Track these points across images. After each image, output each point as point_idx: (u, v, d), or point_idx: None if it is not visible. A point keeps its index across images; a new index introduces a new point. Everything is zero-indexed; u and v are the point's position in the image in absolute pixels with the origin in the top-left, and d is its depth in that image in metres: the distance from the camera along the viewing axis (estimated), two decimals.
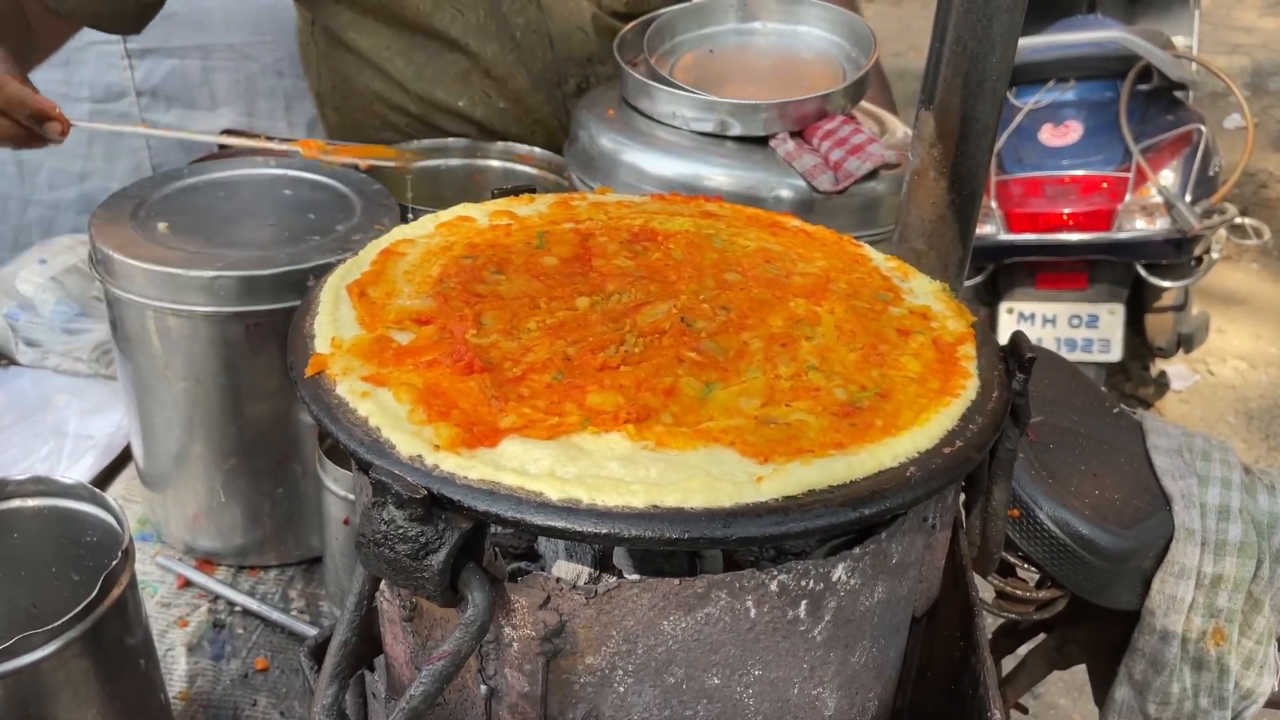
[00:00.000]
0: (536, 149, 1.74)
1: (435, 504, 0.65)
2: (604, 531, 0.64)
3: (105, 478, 1.53)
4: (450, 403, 0.74)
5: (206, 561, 1.37)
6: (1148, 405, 4.32)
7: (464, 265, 0.93)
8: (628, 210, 1.07)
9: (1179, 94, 4.14)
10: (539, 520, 0.65)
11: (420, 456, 0.69)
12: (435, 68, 1.77)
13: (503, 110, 1.79)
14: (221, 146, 1.67)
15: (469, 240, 0.99)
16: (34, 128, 1.41)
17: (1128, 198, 3.78)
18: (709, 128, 1.41)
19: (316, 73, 1.95)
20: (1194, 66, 4.21)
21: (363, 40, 1.78)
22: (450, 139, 1.79)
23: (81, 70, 2.15)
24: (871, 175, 1.37)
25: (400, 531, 0.64)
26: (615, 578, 0.70)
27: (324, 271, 0.95)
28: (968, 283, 3.90)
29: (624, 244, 0.98)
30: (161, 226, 1.25)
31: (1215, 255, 3.94)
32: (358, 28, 1.76)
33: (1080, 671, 1.53)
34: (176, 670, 1.23)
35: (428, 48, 1.76)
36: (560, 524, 0.65)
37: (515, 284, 0.91)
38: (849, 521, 0.67)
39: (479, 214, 1.05)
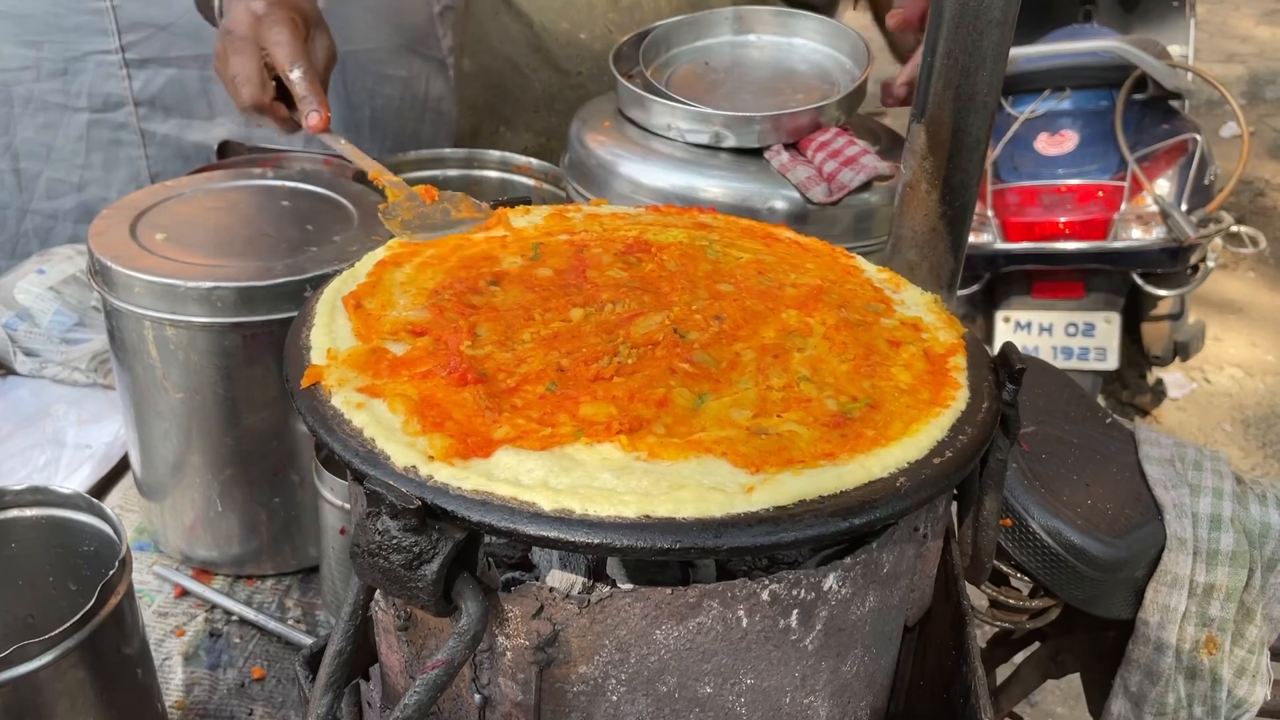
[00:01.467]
0: (534, 160, 1.75)
1: (429, 514, 0.66)
2: (596, 542, 0.65)
3: (103, 487, 1.53)
4: (444, 414, 0.74)
5: (203, 571, 1.37)
6: (1144, 413, 4.33)
7: (459, 276, 0.94)
8: (622, 222, 1.08)
9: (1175, 103, 4.16)
10: (532, 530, 0.65)
11: (414, 467, 0.69)
12: None
13: (610, 20, 1.83)
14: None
15: (465, 251, 1.00)
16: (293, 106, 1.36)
17: (1124, 207, 3.79)
18: (703, 139, 1.42)
19: (460, 26, 2.05)
20: (1189, 75, 4.23)
21: None
22: (447, 149, 1.79)
23: (80, 80, 2.16)
24: (865, 187, 1.38)
25: (394, 542, 0.65)
26: (608, 587, 0.71)
27: (321, 282, 0.96)
28: (964, 292, 3.92)
29: (618, 255, 0.99)
30: (159, 237, 1.25)
31: (1211, 264, 3.95)
32: None
33: (1078, 680, 1.53)
34: (173, 679, 1.23)
35: None
36: (553, 534, 0.65)
37: (510, 295, 0.91)
38: (839, 531, 0.68)
39: None
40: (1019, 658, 1.60)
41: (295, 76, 1.34)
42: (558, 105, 1.93)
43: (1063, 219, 3.81)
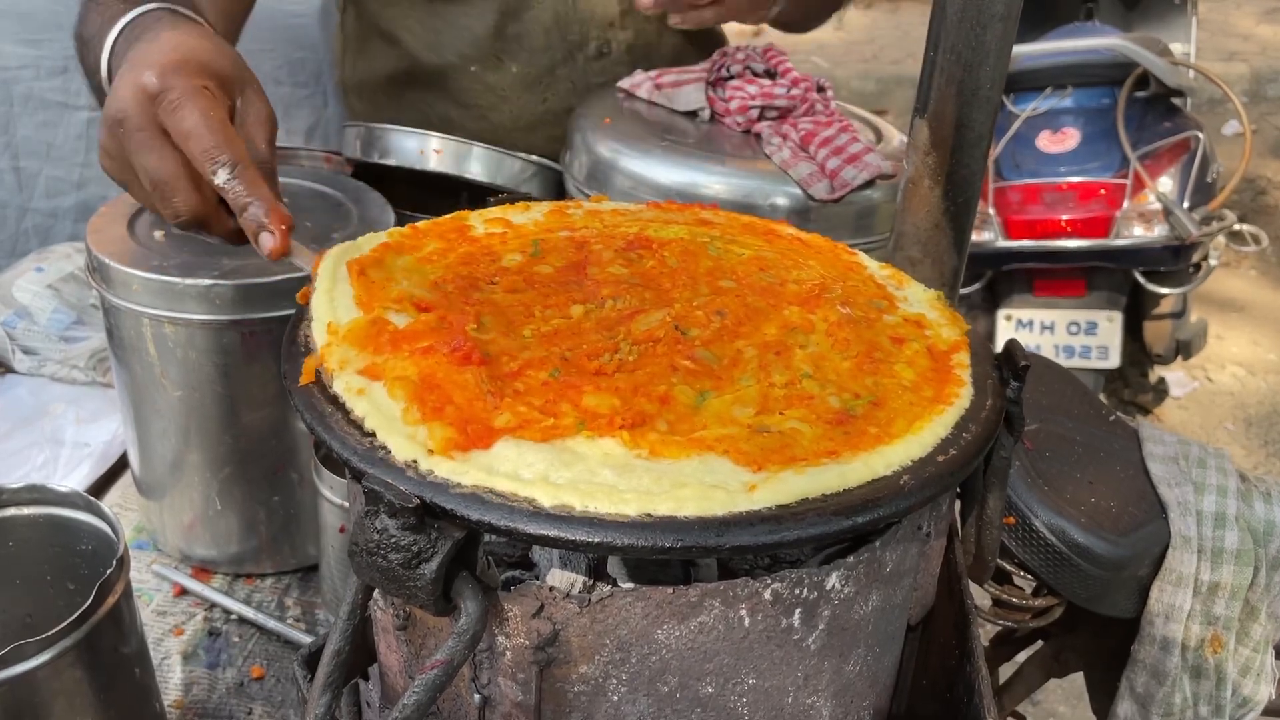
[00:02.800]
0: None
1: (428, 513, 0.65)
2: (597, 541, 0.64)
3: (102, 485, 1.53)
4: (445, 397, 0.73)
5: (203, 570, 1.37)
6: (1146, 412, 4.32)
7: (460, 272, 0.93)
8: (623, 218, 1.07)
9: (1177, 101, 4.15)
10: (532, 529, 0.65)
11: (414, 462, 0.68)
12: (451, 33, 1.78)
13: (515, 75, 1.78)
14: None
15: (465, 248, 0.99)
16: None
17: (1126, 204, 3.78)
18: None
19: (343, 61, 2.00)
20: (1191, 73, 4.23)
21: (384, 11, 1.81)
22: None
23: (79, 78, 2.15)
24: (868, 184, 1.37)
25: (393, 541, 0.64)
26: (609, 586, 0.70)
27: None
28: (965, 290, 3.91)
29: (619, 252, 0.98)
30: (158, 234, 1.25)
31: (1213, 262, 3.95)
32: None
33: (1081, 679, 1.53)
34: (172, 679, 1.23)
35: (445, 13, 1.78)
36: (553, 533, 0.65)
37: (510, 291, 0.91)
38: (842, 530, 0.67)
39: (475, 221, 1.05)
40: (1021, 656, 1.60)
41: (222, 181, 0.95)
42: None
43: (1064, 217, 3.80)
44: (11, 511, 1.06)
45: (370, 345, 0.78)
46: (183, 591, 1.35)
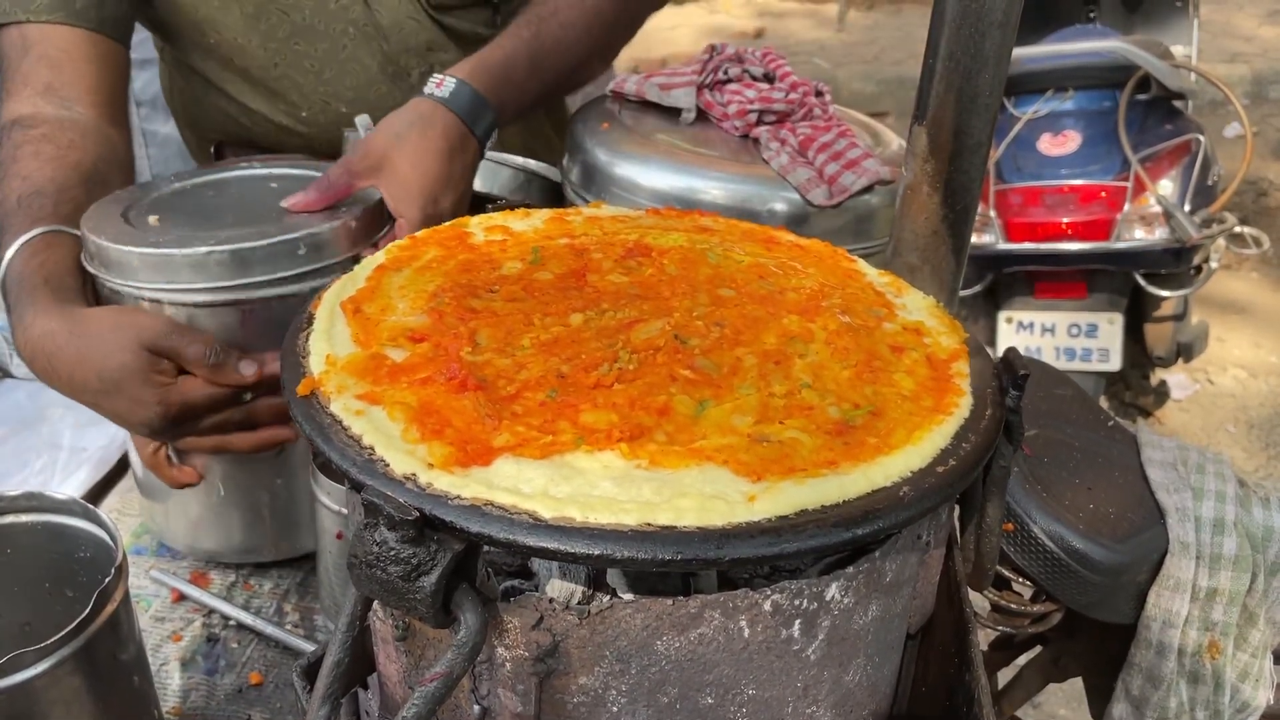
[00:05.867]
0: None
1: (427, 525, 0.65)
2: (596, 553, 0.64)
3: (100, 491, 1.53)
4: (444, 421, 0.74)
5: (202, 575, 1.37)
6: (1147, 414, 4.32)
7: (459, 280, 0.93)
8: (623, 225, 1.07)
9: (1178, 103, 4.15)
10: (531, 541, 0.65)
11: (414, 475, 0.68)
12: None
13: (342, 115, 1.71)
14: None
15: (464, 255, 0.99)
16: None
17: (1127, 207, 3.78)
18: None
19: (170, 92, 1.91)
20: (1193, 76, 4.22)
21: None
22: None
23: None
24: (866, 189, 1.37)
25: (392, 553, 0.64)
26: (608, 597, 0.70)
27: (313, 241, 0.94)
28: (966, 292, 3.91)
29: (619, 260, 0.98)
30: (152, 220, 1.25)
31: (1214, 264, 3.94)
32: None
33: (1081, 683, 1.52)
34: (170, 685, 1.23)
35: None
36: (552, 545, 0.64)
37: (510, 300, 0.90)
38: (842, 542, 0.67)
39: (475, 228, 1.05)
40: (1021, 661, 1.60)
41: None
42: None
43: (1065, 219, 3.80)
44: (10, 519, 1.06)
45: (369, 376, 0.78)
46: (181, 597, 1.34)
